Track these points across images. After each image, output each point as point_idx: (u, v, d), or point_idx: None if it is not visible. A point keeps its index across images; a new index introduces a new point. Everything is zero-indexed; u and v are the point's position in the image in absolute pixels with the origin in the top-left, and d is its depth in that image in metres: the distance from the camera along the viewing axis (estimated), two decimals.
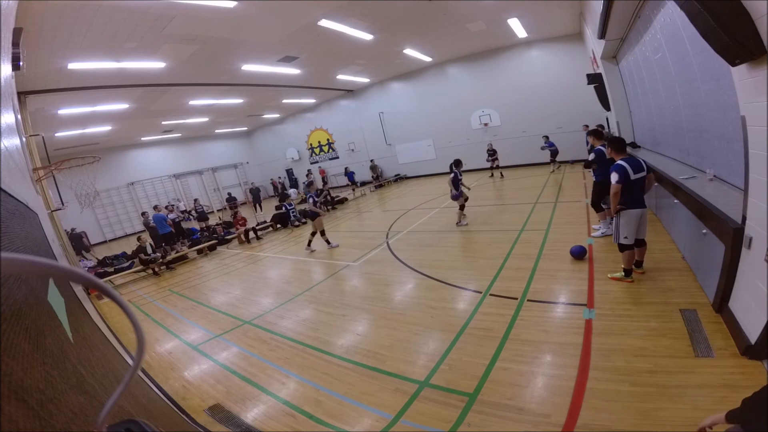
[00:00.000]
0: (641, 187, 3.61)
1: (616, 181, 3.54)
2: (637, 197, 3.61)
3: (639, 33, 5.64)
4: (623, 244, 3.71)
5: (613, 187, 3.56)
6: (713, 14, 2.11)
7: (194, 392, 3.42)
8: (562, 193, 8.85)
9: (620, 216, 3.65)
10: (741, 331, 2.51)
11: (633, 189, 3.57)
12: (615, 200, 3.59)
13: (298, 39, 9.09)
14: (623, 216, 3.63)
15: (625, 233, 3.66)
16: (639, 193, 3.61)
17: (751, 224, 2.40)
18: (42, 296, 1.23)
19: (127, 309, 0.45)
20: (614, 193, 3.57)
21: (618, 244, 3.77)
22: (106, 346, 2.62)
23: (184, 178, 20.75)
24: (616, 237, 3.76)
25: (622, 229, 3.67)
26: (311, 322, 4.47)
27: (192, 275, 8.05)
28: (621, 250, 3.79)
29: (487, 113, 14.96)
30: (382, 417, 2.64)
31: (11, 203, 1.49)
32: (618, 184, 3.54)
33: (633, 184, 3.55)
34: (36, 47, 6.21)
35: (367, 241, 7.77)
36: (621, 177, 3.52)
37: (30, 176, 4.35)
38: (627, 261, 3.79)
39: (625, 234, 3.66)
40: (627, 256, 3.77)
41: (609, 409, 2.28)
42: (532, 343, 3.15)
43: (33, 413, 0.68)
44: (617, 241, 3.75)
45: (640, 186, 3.60)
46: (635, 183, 3.56)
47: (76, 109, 10.45)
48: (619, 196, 3.58)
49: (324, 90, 16.40)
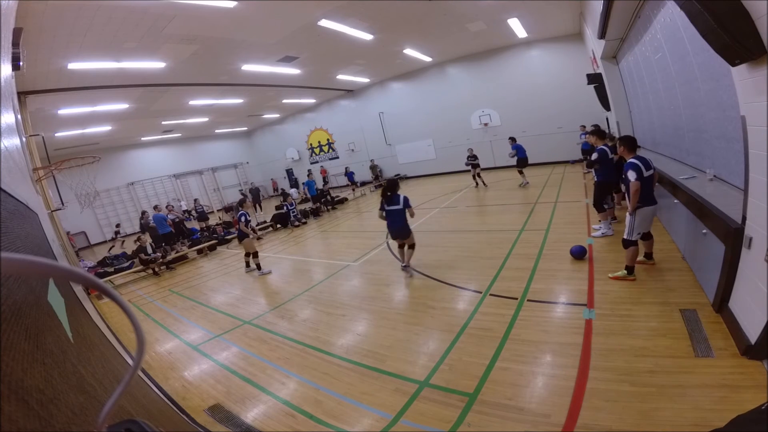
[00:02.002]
0: (652, 184, 3.67)
1: (635, 179, 3.54)
2: (650, 194, 3.66)
3: (639, 33, 5.64)
4: (631, 240, 3.72)
5: (634, 184, 3.55)
6: (713, 14, 2.10)
7: (194, 392, 3.42)
8: (562, 193, 8.85)
9: (636, 214, 3.65)
10: (741, 331, 2.51)
11: (646, 186, 3.61)
12: (635, 198, 3.58)
13: (298, 39, 9.09)
14: (639, 214, 3.65)
15: (638, 230, 3.69)
16: (651, 190, 3.67)
17: (751, 224, 2.39)
18: (42, 296, 1.23)
19: (127, 309, 0.45)
20: (635, 191, 3.56)
21: (625, 240, 3.77)
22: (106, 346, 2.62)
23: (184, 178, 20.76)
24: (628, 233, 3.74)
25: (636, 226, 3.68)
26: (311, 322, 4.47)
27: (192, 275, 8.05)
28: (626, 247, 3.80)
29: (487, 113, 14.95)
30: (382, 417, 2.64)
31: (11, 203, 1.49)
32: (638, 182, 3.54)
33: (646, 181, 3.60)
34: (36, 47, 6.21)
35: (367, 241, 7.77)
36: (638, 174, 3.54)
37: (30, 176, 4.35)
38: (632, 258, 3.81)
39: (638, 231, 3.69)
40: (632, 253, 3.79)
41: (609, 409, 2.28)
42: (532, 343, 3.15)
43: (33, 413, 0.68)
44: (628, 237, 3.74)
45: (651, 183, 3.66)
46: (647, 180, 3.61)
47: (76, 109, 10.45)
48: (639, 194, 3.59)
49: (324, 90, 16.39)
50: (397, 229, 5.23)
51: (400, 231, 5.24)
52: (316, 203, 13.18)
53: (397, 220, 5.16)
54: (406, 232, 5.24)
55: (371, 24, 9.08)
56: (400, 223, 5.18)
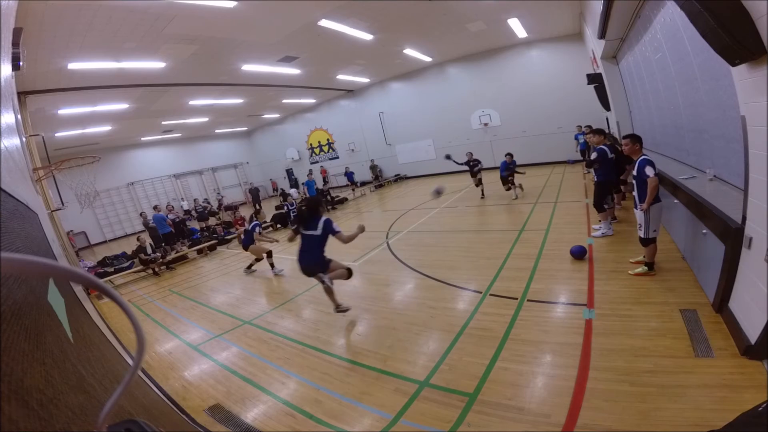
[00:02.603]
0: None
1: (654, 174, 3.54)
2: (659, 191, 3.69)
3: (639, 33, 5.64)
4: (651, 237, 3.74)
5: (653, 180, 3.54)
6: (713, 14, 2.10)
7: (194, 392, 3.42)
8: (562, 193, 8.85)
9: (651, 210, 3.66)
10: (741, 331, 2.51)
11: None
12: (654, 193, 3.58)
13: (298, 39, 9.09)
14: (653, 210, 3.67)
15: (654, 227, 3.71)
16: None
17: (751, 224, 2.39)
18: (42, 296, 1.23)
19: (127, 309, 0.45)
20: (654, 186, 3.56)
21: (644, 238, 3.78)
22: (106, 346, 2.62)
23: (184, 178, 20.76)
24: (646, 232, 3.74)
25: (652, 223, 3.70)
26: (311, 322, 4.47)
27: (192, 275, 8.05)
28: (646, 245, 3.82)
29: (487, 113, 14.96)
30: (382, 417, 2.64)
31: (11, 203, 1.49)
32: (657, 177, 3.55)
33: None
34: (36, 47, 6.21)
35: (367, 241, 7.76)
36: (656, 169, 3.55)
37: (30, 176, 4.35)
38: (651, 254, 3.84)
39: (654, 227, 3.71)
40: (652, 250, 3.83)
41: (609, 409, 2.28)
42: (532, 343, 3.15)
43: (33, 413, 0.68)
44: (647, 235, 3.75)
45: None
46: None
47: (76, 109, 10.45)
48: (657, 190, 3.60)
49: (324, 90, 16.40)
50: (309, 262, 3.87)
51: (311, 266, 3.88)
52: None
53: (310, 251, 3.84)
54: (320, 267, 3.88)
55: (371, 24, 9.08)
56: (313, 255, 3.84)
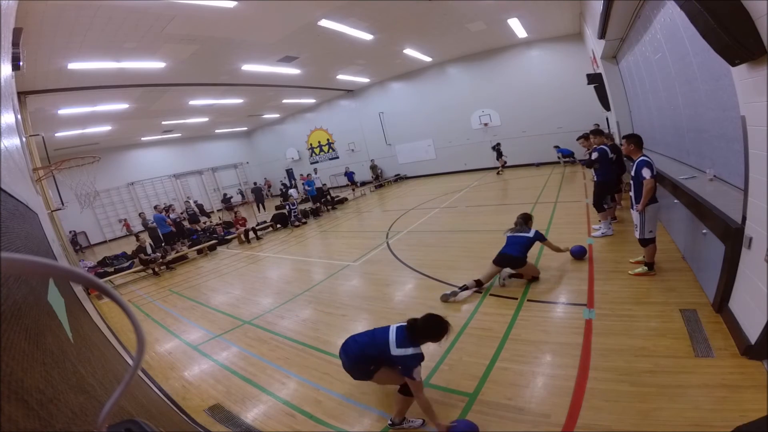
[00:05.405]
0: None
1: (651, 176, 3.55)
2: (655, 192, 3.70)
3: (639, 33, 5.64)
4: (649, 238, 3.75)
5: (649, 182, 3.56)
6: (713, 14, 2.10)
7: (194, 392, 3.42)
8: (562, 193, 8.85)
9: (647, 211, 3.67)
10: (741, 331, 2.51)
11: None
12: (649, 195, 3.59)
13: (298, 39, 9.10)
14: (649, 210, 3.68)
15: (650, 227, 3.72)
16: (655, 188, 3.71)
17: (751, 224, 2.39)
18: (42, 296, 1.23)
19: (127, 309, 0.45)
20: (650, 188, 3.57)
21: (642, 239, 3.79)
22: (106, 346, 2.62)
23: (184, 178, 20.76)
24: (642, 232, 3.76)
25: (647, 223, 3.71)
26: (311, 322, 4.47)
27: (192, 275, 8.05)
28: (645, 245, 3.83)
29: (487, 113, 14.96)
30: (382, 417, 2.64)
31: (11, 203, 1.49)
32: (653, 179, 3.56)
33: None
34: (36, 47, 6.21)
35: (367, 241, 7.77)
36: (653, 171, 3.56)
37: (30, 176, 4.36)
38: (651, 254, 3.84)
39: (650, 228, 3.72)
40: (651, 250, 3.83)
41: (609, 409, 2.28)
42: (532, 343, 3.15)
43: (33, 413, 0.68)
44: (644, 236, 3.76)
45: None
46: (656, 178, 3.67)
47: (76, 109, 10.45)
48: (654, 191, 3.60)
49: (324, 90, 16.40)
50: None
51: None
52: (316, 203, 13.20)
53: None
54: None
55: (371, 24, 9.08)
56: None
